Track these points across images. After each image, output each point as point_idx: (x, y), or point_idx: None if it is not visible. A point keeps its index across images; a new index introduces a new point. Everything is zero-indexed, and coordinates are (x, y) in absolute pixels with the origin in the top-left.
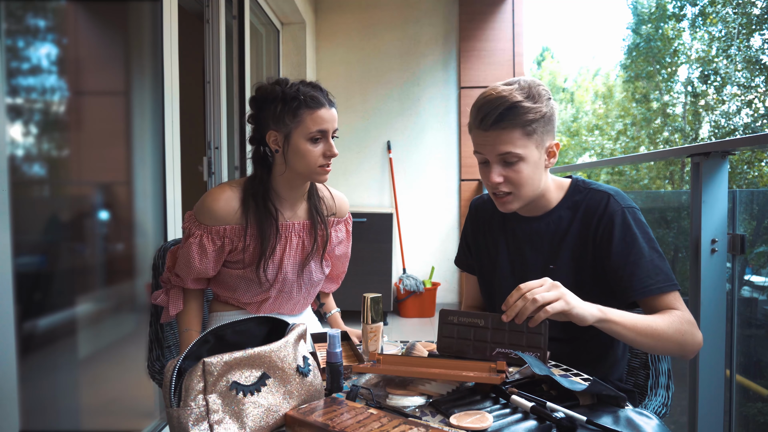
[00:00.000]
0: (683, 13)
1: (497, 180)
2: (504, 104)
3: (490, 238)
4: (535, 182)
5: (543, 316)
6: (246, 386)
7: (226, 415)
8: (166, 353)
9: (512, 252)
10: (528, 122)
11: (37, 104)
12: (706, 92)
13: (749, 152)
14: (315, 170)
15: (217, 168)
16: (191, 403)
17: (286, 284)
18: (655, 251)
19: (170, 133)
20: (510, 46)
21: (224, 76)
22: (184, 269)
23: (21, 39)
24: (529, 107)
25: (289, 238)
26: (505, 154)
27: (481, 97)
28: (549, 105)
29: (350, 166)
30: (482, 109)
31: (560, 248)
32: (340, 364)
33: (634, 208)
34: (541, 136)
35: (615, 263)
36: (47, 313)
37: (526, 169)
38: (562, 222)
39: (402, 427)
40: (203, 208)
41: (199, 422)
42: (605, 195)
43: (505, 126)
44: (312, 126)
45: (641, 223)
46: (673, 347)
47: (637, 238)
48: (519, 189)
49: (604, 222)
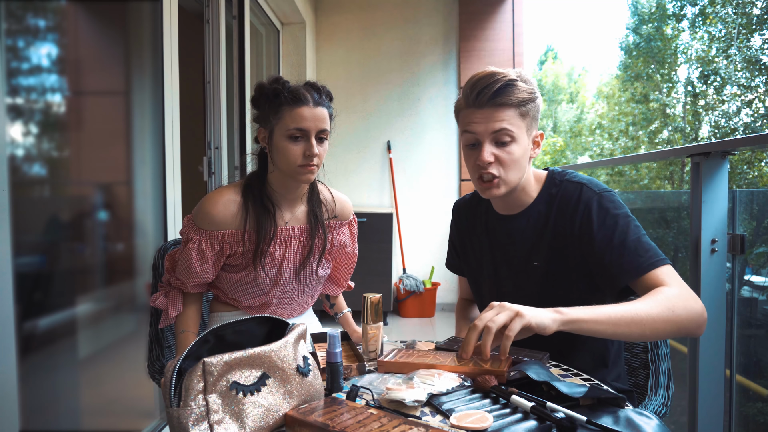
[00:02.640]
0: (683, 13)
1: (488, 159)
2: (501, 81)
3: (474, 239)
4: (521, 168)
5: (507, 342)
6: (246, 386)
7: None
8: (166, 353)
9: (495, 252)
10: (523, 102)
11: (37, 104)
12: (706, 92)
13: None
14: (295, 169)
15: (217, 168)
16: (191, 403)
17: (286, 290)
18: (638, 229)
19: (170, 133)
20: (510, 46)
21: (224, 76)
22: (184, 274)
23: (21, 39)
24: (524, 87)
25: (288, 243)
26: (500, 131)
27: (475, 75)
28: (538, 93)
29: (350, 166)
30: (478, 84)
31: (541, 244)
32: (340, 363)
33: (609, 191)
34: (531, 121)
35: (599, 250)
36: (47, 313)
37: (517, 151)
38: (540, 217)
39: (402, 427)
40: (201, 213)
41: (199, 422)
42: (578, 185)
43: (501, 102)
44: (290, 123)
45: (619, 205)
46: (667, 327)
47: (618, 220)
48: (507, 172)
49: (581, 212)
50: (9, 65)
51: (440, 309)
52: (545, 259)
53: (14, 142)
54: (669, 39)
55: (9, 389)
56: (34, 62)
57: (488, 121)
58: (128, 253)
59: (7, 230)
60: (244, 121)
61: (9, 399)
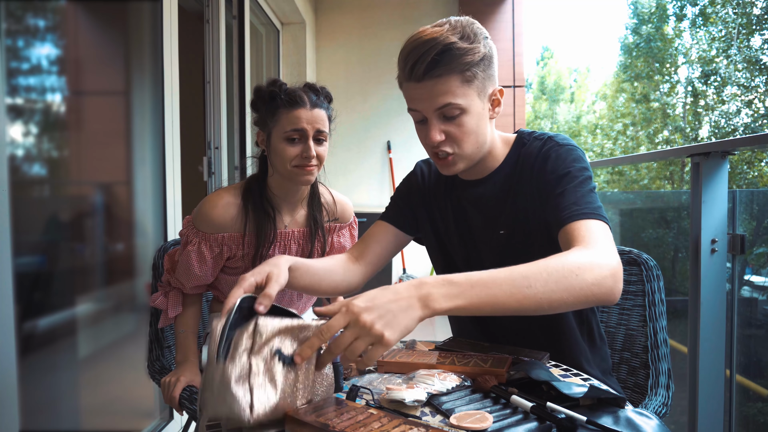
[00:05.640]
0: (683, 13)
1: (438, 138)
2: (436, 47)
3: (436, 205)
4: (480, 137)
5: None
6: (288, 356)
7: (266, 379)
8: (166, 353)
9: (459, 221)
10: (466, 66)
11: (37, 104)
12: (706, 92)
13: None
14: (292, 170)
15: (217, 168)
16: (237, 361)
17: (285, 294)
18: (587, 183)
19: (170, 133)
20: (510, 46)
21: (224, 76)
22: (183, 276)
23: (21, 39)
24: (465, 48)
25: (288, 246)
26: (445, 106)
27: (408, 42)
28: (488, 44)
29: (350, 166)
30: (411, 55)
31: (508, 210)
32: (340, 364)
33: (573, 145)
34: (482, 82)
35: (544, 197)
36: (47, 313)
37: (470, 122)
38: (507, 181)
39: (402, 427)
40: (201, 215)
41: (241, 381)
42: (542, 140)
43: (440, 73)
44: (287, 125)
45: (578, 158)
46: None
47: (571, 171)
48: (463, 146)
49: (539, 162)
50: (9, 65)
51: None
52: (513, 227)
53: (14, 142)
54: (669, 39)
55: (9, 389)
56: (34, 62)
57: (430, 96)
58: (128, 253)
59: (7, 230)
60: (244, 121)
61: (9, 399)
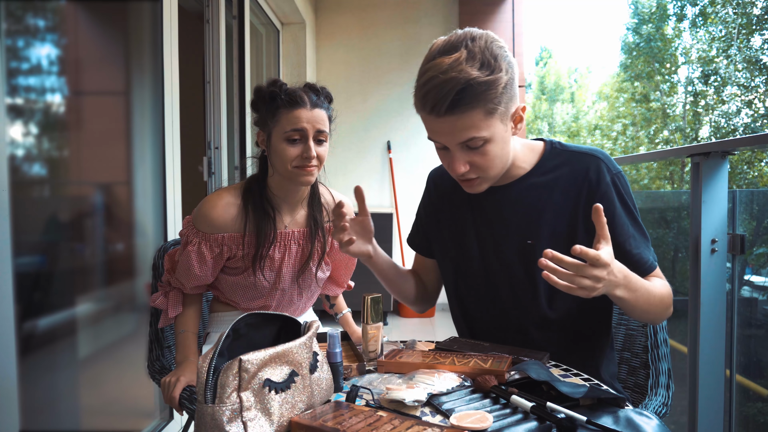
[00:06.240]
0: (683, 13)
1: (463, 169)
2: (456, 86)
3: (453, 215)
4: (504, 158)
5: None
6: (278, 383)
7: (259, 412)
8: (166, 353)
9: (480, 229)
10: (489, 100)
11: (37, 104)
12: (706, 92)
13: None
14: (292, 171)
15: (217, 168)
16: (226, 400)
17: (285, 293)
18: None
19: (170, 133)
20: (510, 46)
21: (224, 76)
22: (183, 276)
23: (21, 39)
24: (487, 81)
25: (288, 246)
26: (468, 140)
27: (425, 74)
28: (508, 65)
29: (350, 166)
30: (430, 94)
31: (539, 221)
32: (340, 363)
33: (621, 172)
34: (505, 107)
35: (619, 237)
36: (47, 313)
37: (494, 150)
38: (538, 190)
39: (416, 428)
40: (201, 215)
41: (234, 420)
42: (594, 159)
43: (463, 111)
44: (287, 125)
45: (629, 189)
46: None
47: (632, 206)
48: (488, 172)
49: (601, 192)
50: (9, 65)
51: (440, 309)
52: (542, 238)
53: (14, 142)
54: (669, 39)
55: (9, 389)
56: (34, 62)
57: (452, 131)
58: (128, 253)
59: (7, 230)
60: (244, 121)
61: (9, 399)
